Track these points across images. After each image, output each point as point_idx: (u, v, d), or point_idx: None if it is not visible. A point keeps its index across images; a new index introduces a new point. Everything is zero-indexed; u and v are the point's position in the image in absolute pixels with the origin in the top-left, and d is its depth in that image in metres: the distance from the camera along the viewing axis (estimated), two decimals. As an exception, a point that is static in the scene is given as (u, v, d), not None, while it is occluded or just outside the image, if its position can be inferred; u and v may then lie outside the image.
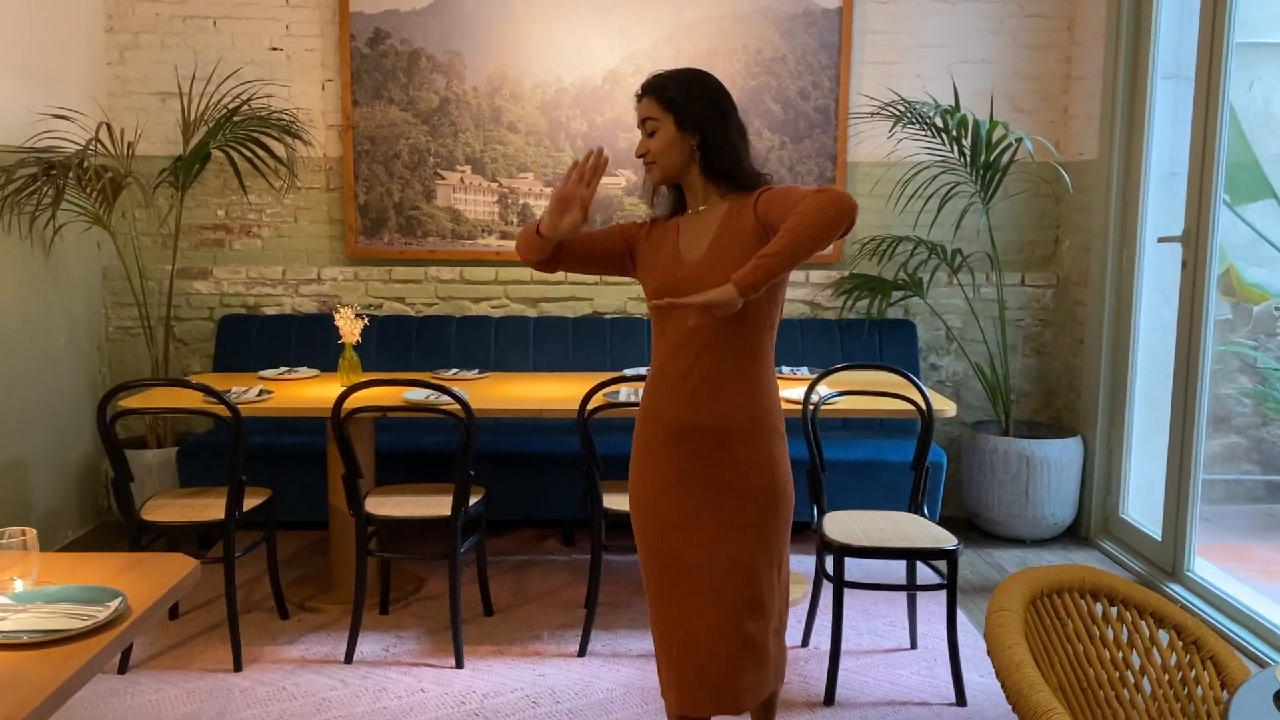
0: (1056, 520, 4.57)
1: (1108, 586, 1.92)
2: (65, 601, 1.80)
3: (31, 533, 1.88)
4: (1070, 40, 4.82)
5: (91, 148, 4.22)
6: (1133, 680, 1.89)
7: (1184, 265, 3.93)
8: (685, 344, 2.27)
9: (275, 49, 4.78)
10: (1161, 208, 4.31)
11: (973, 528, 4.77)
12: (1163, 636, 1.92)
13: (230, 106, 4.52)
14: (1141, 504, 4.44)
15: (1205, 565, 3.95)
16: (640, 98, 2.34)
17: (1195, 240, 3.86)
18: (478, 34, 4.76)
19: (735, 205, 2.30)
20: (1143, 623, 1.92)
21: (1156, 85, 4.29)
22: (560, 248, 2.38)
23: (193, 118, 4.53)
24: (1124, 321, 4.47)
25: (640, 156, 2.34)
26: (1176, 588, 3.94)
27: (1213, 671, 1.86)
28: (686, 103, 2.28)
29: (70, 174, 4.11)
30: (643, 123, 2.32)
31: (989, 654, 1.66)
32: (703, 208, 2.34)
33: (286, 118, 4.59)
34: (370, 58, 4.76)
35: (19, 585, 1.86)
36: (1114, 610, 1.93)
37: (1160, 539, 4.11)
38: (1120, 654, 1.90)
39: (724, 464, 2.28)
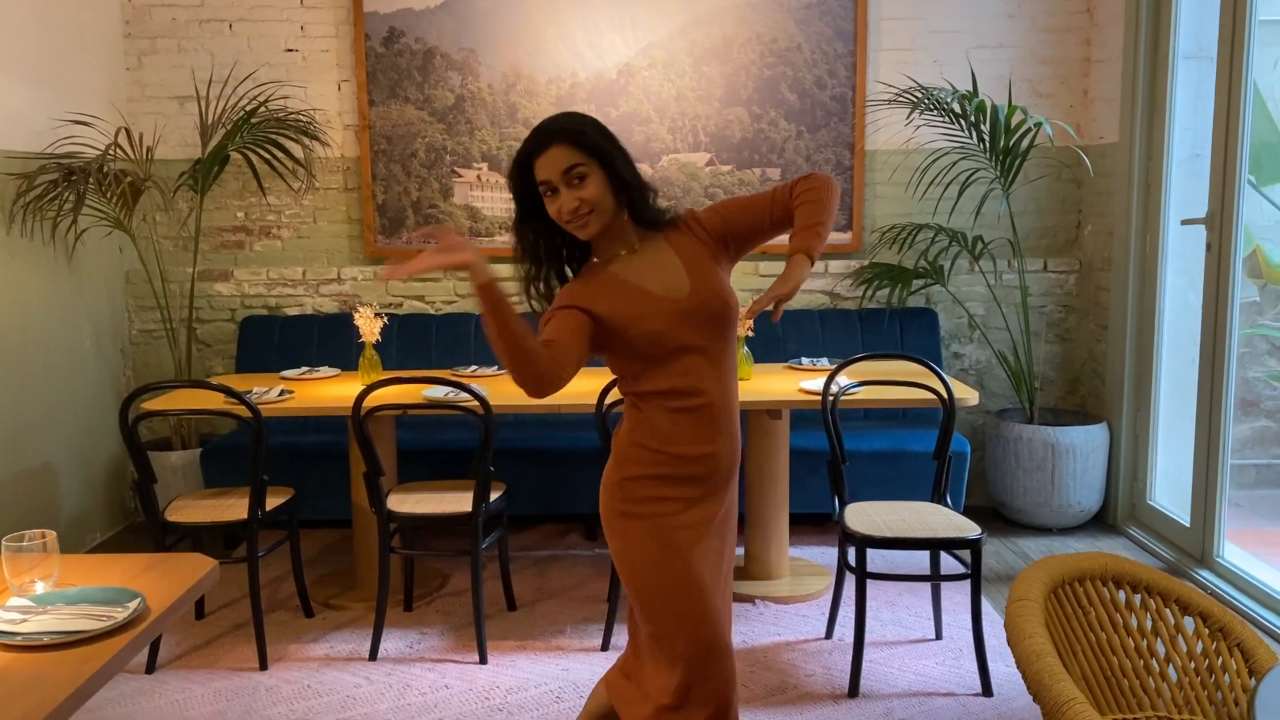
0: (1083, 508, 4.52)
1: (1130, 574, 1.90)
2: (85, 603, 1.82)
3: (51, 535, 1.90)
4: (1089, 22, 4.76)
5: (111, 153, 4.26)
6: (1158, 669, 1.86)
7: (1208, 248, 3.87)
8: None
9: (291, 50, 4.80)
10: (1185, 190, 4.25)
11: (998, 517, 4.73)
12: (1188, 624, 1.89)
13: (247, 109, 4.54)
14: (1169, 490, 4.38)
15: (1236, 551, 3.90)
16: (545, 147, 2.03)
17: (1219, 222, 3.81)
18: (491, 30, 4.76)
19: (671, 237, 2.15)
20: (1167, 610, 1.90)
21: (1177, 66, 4.23)
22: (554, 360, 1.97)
23: (210, 121, 4.56)
24: (1148, 306, 4.42)
25: (572, 212, 2.03)
26: (1206, 574, 3.89)
27: (1240, 659, 1.84)
28: (604, 141, 2.07)
29: (90, 179, 4.14)
30: (566, 171, 2.02)
31: (1009, 644, 1.64)
32: (638, 247, 2.14)
33: (303, 119, 4.61)
34: (385, 57, 4.77)
35: (40, 587, 1.87)
36: (1137, 598, 1.91)
37: (1189, 525, 4.06)
38: (1145, 642, 1.88)
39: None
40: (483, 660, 3.33)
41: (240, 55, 4.78)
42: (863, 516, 3.22)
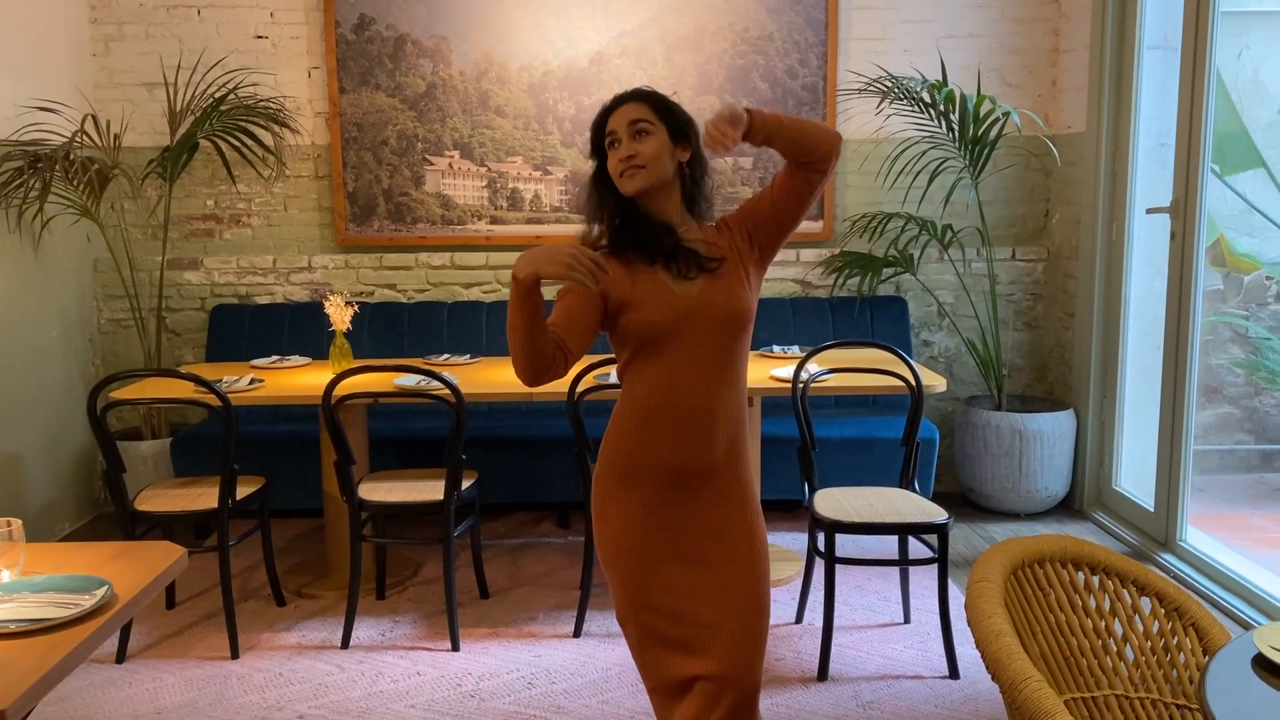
0: (1050, 493, 4.58)
1: (1089, 556, 1.93)
2: (51, 591, 1.81)
3: (17, 523, 1.89)
4: (1058, 13, 4.81)
5: (77, 140, 4.22)
6: (1115, 648, 1.90)
7: (1173, 236, 3.93)
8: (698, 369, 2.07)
9: (260, 37, 4.76)
10: (1150, 179, 4.30)
11: (967, 502, 4.78)
12: (1145, 604, 1.93)
13: (216, 96, 4.51)
14: (1134, 475, 4.45)
15: (1198, 535, 3.97)
16: (621, 103, 2.10)
17: (1183, 211, 3.86)
18: (463, 18, 4.75)
19: (708, 233, 2.13)
20: (1125, 591, 1.94)
21: (1143, 56, 4.28)
22: (560, 350, 2.01)
23: (179, 108, 4.53)
24: (1114, 294, 4.47)
25: (624, 161, 2.05)
26: (1169, 558, 3.95)
27: (1194, 638, 1.88)
28: (680, 115, 2.12)
29: (57, 167, 4.10)
30: (632, 124, 2.06)
31: (969, 624, 1.67)
32: (680, 229, 2.11)
33: (273, 106, 4.59)
34: (356, 44, 4.75)
35: (5, 575, 1.87)
36: (1096, 579, 1.94)
37: (1153, 510, 4.13)
38: (1103, 622, 1.91)
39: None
40: (455, 648, 3.34)
41: (209, 42, 4.74)
42: (832, 502, 3.26)
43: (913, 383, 3.37)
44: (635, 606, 2.11)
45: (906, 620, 3.52)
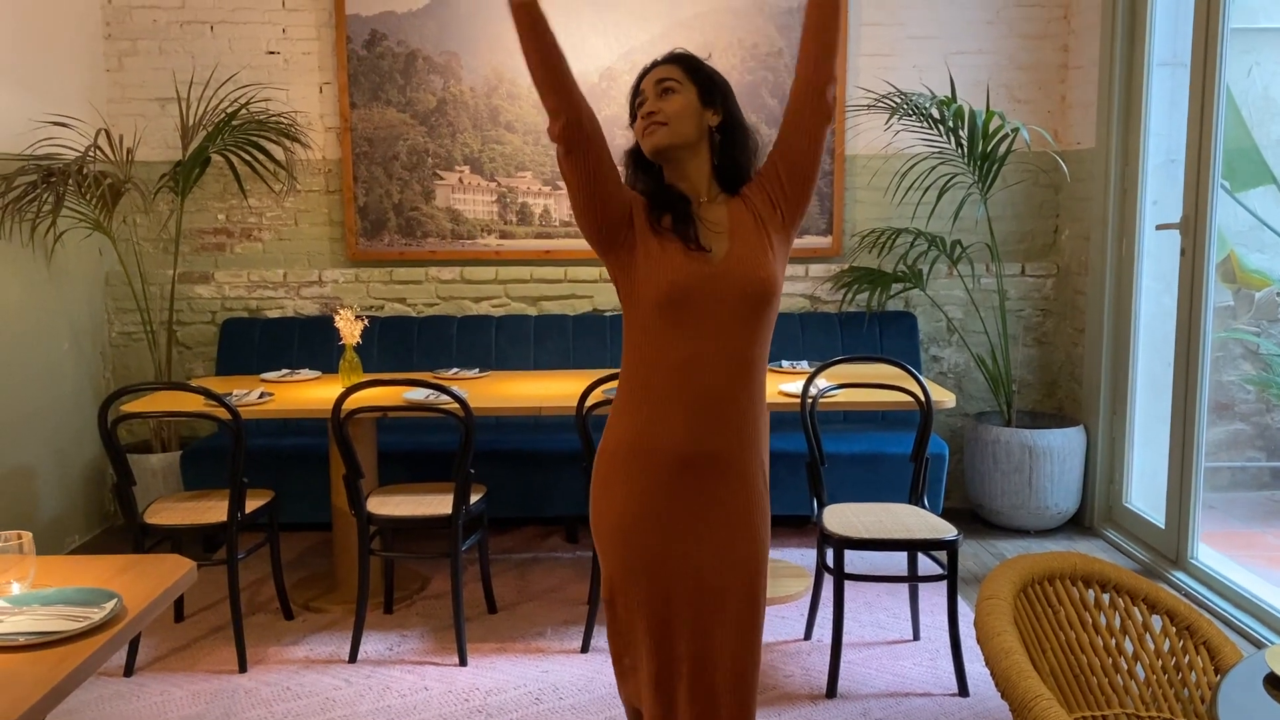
0: (1060, 510, 4.56)
1: (1099, 573, 1.92)
2: (61, 604, 1.82)
3: (28, 536, 1.90)
4: (1067, 29, 4.81)
5: (91, 154, 4.25)
6: (1126, 667, 1.89)
7: (1183, 252, 3.92)
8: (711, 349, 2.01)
9: (272, 53, 4.80)
10: (1160, 195, 4.30)
11: (976, 519, 4.76)
12: (1155, 623, 1.92)
13: (228, 111, 4.54)
14: (1145, 492, 4.43)
15: (1209, 552, 3.95)
16: (656, 66, 2.10)
17: (1193, 227, 3.85)
18: (474, 34, 4.77)
19: (732, 203, 2.09)
20: (1135, 609, 1.93)
21: (1153, 72, 4.28)
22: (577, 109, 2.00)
23: (191, 123, 4.55)
24: (1124, 310, 4.46)
25: (645, 116, 2.05)
26: (1181, 575, 3.93)
27: (1206, 657, 1.86)
28: (714, 79, 2.09)
29: (70, 181, 4.13)
30: (659, 82, 2.05)
31: (978, 642, 1.66)
32: (704, 199, 2.08)
33: (285, 121, 4.61)
34: (367, 60, 4.77)
35: (15, 588, 1.87)
36: (1106, 597, 1.93)
37: (1164, 527, 4.10)
38: (1113, 640, 1.90)
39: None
40: (463, 662, 3.34)
41: (221, 57, 4.77)
42: (841, 518, 3.25)
43: (922, 398, 3.36)
44: (627, 584, 2.08)
45: (916, 637, 3.50)
